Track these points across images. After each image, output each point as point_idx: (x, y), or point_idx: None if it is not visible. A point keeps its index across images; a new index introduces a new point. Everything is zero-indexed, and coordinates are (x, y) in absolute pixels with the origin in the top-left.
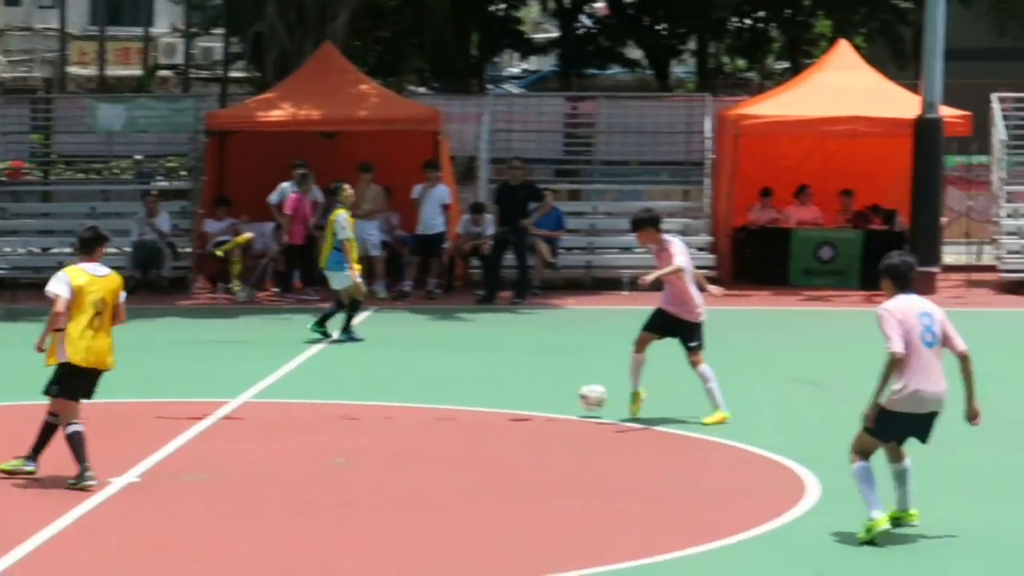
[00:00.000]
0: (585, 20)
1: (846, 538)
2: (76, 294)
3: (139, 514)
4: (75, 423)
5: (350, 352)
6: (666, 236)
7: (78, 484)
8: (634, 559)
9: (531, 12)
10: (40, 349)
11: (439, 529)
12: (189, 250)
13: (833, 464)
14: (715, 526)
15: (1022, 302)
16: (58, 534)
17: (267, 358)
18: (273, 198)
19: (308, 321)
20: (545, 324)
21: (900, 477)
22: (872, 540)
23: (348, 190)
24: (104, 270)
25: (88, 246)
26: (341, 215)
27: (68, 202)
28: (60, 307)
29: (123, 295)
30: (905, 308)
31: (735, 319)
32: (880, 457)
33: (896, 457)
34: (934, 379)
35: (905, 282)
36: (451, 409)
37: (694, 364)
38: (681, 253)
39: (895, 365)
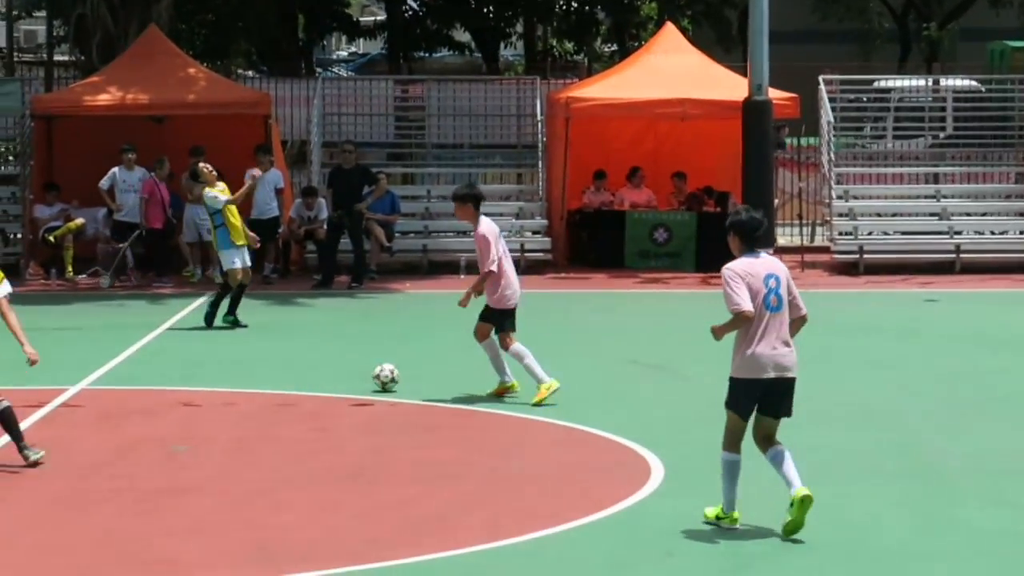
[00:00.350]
0: (412, 3)
1: (694, 519)
2: None
3: None
4: None
5: (188, 339)
6: (481, 218)
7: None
8: (480, 543)
9: None
10: None
11: (281, 515)
12: (20, 236)
13: (676, 445)
14: (562, 509)
15: (855, 282)
16: None
17: (104, 345)
18: (104, 183)
19: (144, 308)
20: (383, 309)
21: (776, 460)
22: (716, 523)
23: (206, 167)
24: None
25: None
26: (208, 191)
27: None
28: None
29: (3, 289)
30: (751, 270)
31: (573, 302)
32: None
33: (767, 446)
34: (776, 343)
35: (753, 240)
36: (292, 395)
37: (505, 347)
38: (493, 242)
39: (740, 322)
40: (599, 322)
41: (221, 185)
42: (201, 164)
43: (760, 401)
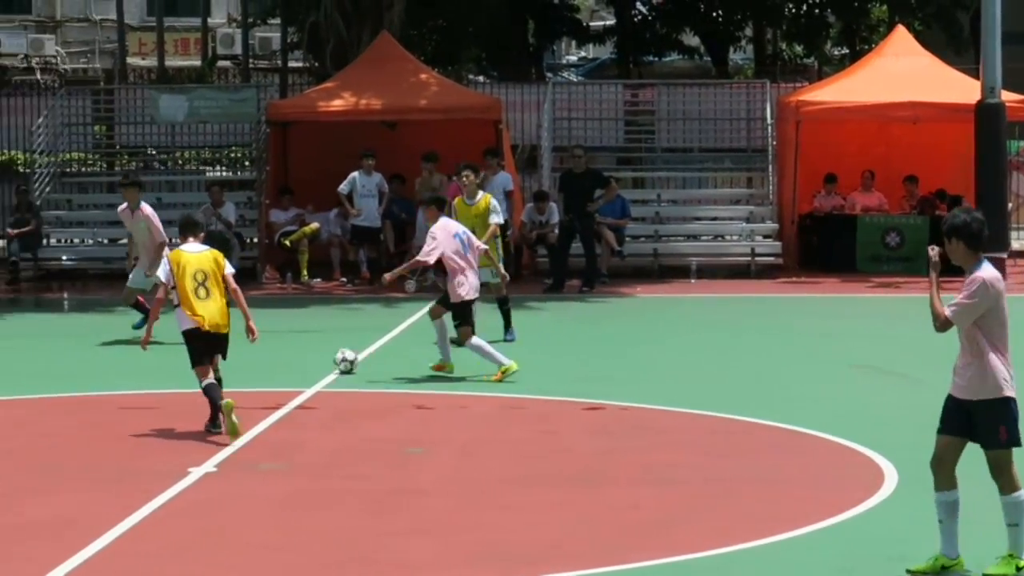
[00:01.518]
0: (641, 7)
1: (928, 526)
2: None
3: (216, 503)
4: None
5: (422, 342)
6: (440, 219)
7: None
8: (708, 549)
9: None
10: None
11: (511, 517)
12: (256, 240)
13: (908, 450)
14: (792, 514)
15: None
16: (139, 522)
17: (339, 348)
18: (343, 188)
19: (378, 311)
20: (614, 313)
21: (1014, 509)
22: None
23: (470, 176)
24: (199, 247)
25: (183, 231)
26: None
27: None
28: (161, 293)
29: (229, 267)
30: (1001, 284)
31: (804, 306)
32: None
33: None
34: None
35: (980, 243)
36: (523, 398)
37: (462, 342)
38: (439, 238)
39: (939, 326)
40: (829, 326)
41: (481, 194)
42: (465, 173)
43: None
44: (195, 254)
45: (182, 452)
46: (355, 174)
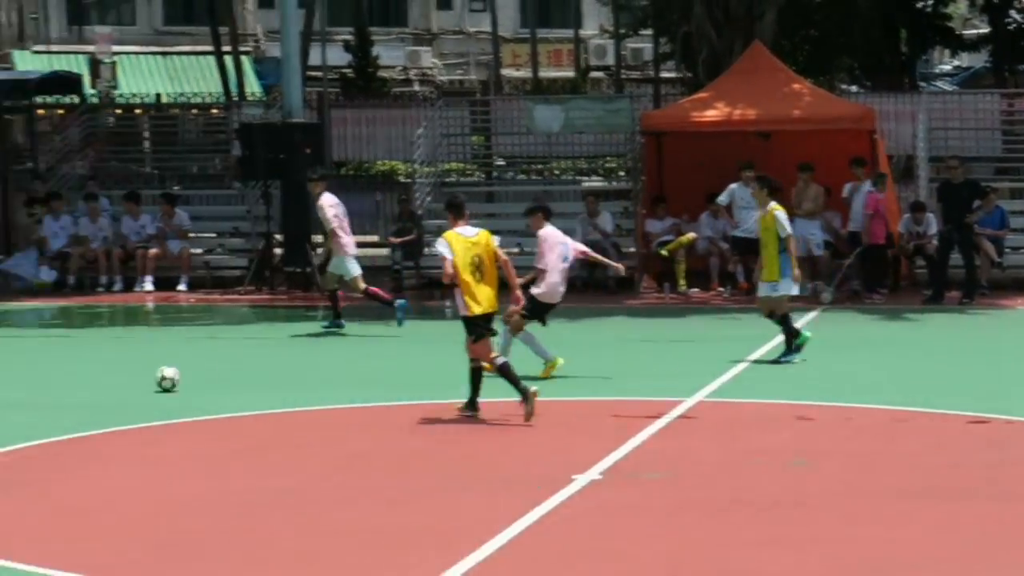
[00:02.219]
0: (1015, 15)
1: None
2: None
3: (602, 512)
4: (493, 359)
5: (803, 353)
6: (545, 229)
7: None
8: None
9: (960, 8)
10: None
11: (893, 531)
12: (633, 250)
13: None
14: None
15: None
16: (525, 529)
17: (717, 357)
18: (723, 199)
19: (756, 321)
20: (995, 325)
21: None
22: None
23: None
24: (472, 230)
25: (453, 211)
26: (778, 213)
27: (511, 202)
28: (449, 267)
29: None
30: None
31: None
32: None
33: None
34: None
35: None
36: (908, 411)
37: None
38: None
39: None
40: None
41: (772, 205)
42: (754, 185)
43: None
44: (469, 238)
45: (566, 459)
46: (733, 185)
